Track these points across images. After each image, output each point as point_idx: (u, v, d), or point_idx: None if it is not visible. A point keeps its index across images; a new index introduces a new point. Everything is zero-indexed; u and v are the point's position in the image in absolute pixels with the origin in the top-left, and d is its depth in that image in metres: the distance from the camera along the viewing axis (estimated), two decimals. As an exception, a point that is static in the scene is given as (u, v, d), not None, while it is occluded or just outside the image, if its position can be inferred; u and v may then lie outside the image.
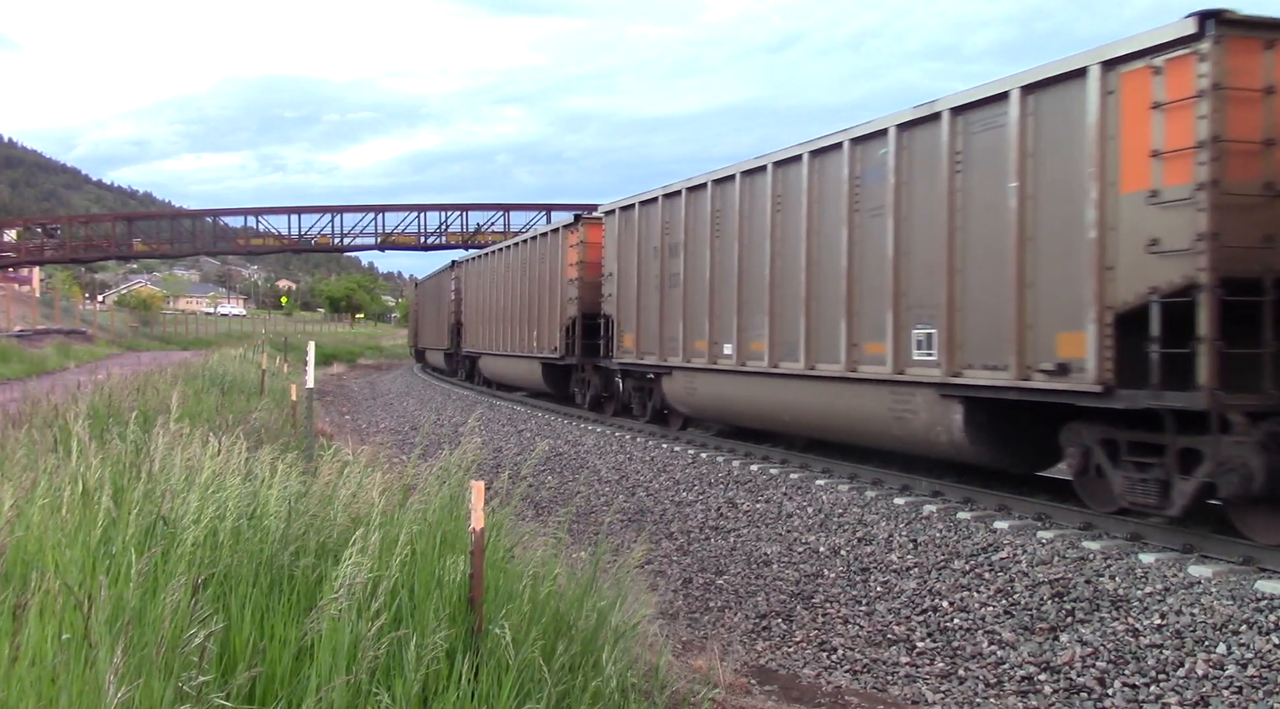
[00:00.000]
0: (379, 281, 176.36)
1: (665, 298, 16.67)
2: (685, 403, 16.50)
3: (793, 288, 13.07)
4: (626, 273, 18.30)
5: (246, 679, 3.67)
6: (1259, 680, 6.06)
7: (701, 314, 15.41)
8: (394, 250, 65.58)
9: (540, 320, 23.37)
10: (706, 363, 15.18)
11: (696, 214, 15.74)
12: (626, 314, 18.27)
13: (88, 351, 36.10)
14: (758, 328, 13.91)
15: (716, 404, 15.64)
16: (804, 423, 13.60)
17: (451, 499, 5.87)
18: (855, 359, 11.80)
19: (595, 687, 4.38)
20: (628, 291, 18.17)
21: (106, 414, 9.95)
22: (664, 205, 16.86)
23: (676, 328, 16.20)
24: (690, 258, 15.81)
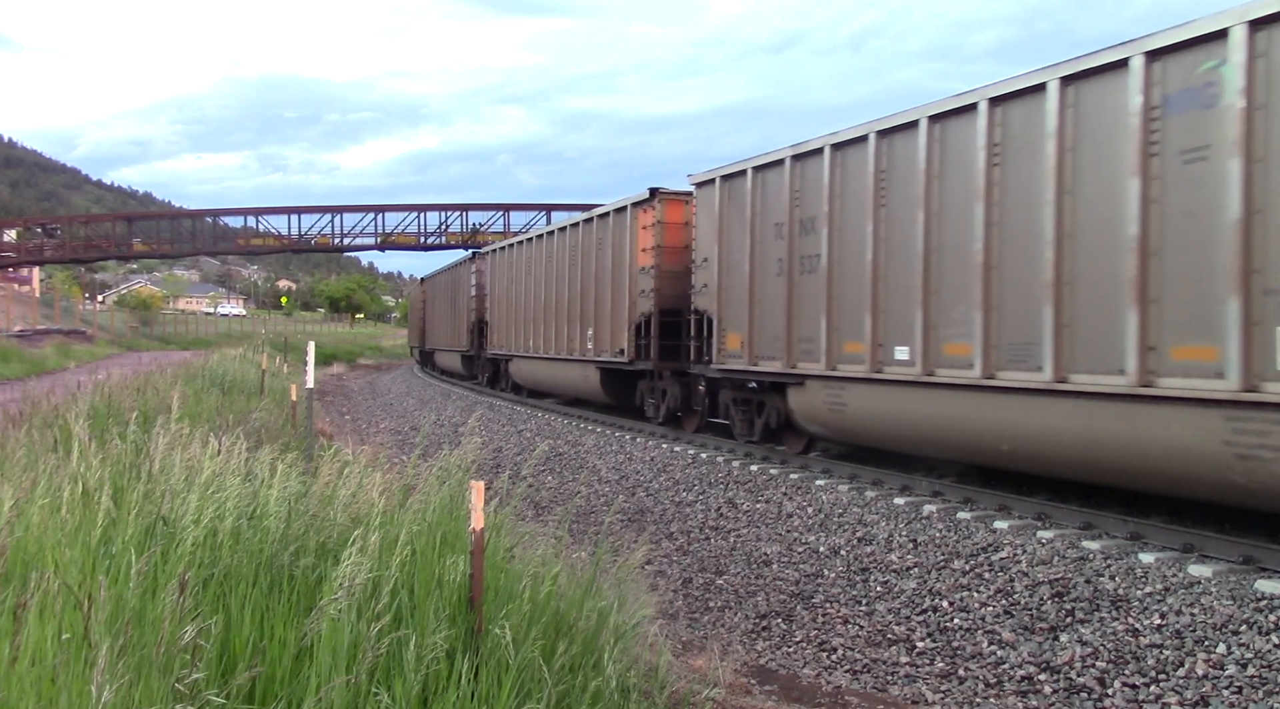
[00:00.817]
0: (379, 281, 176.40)
1: (794, 288, 13.25)
2: (824, 422, 13.03)
3: (1025, 269, 9.67)
4: (732, 257, 14.81)
5: (246, 679, 3.67)
6: (1259, 680, 6.06)
7: (857, 307, 12.02)
8: (394, 250, 65.53)
9: (598, 318, 19.90)
10: (866, 371, 11.76)
11: (847, 178, 12.28)
12: (733, 309, 14.81)
13: (88, 351, 36.11)
14: (959, 325, 10.50)
15: (878, 425, 12.08)
16: (1042, 457, 9.81)
17: (451, 499, 5.87)
18: (1153, 368, 8.45)
19: (595, 687, 4.38)
20: (735, 281, 14.73)
21: (106, 414, 9.95)
22: (793, 170, 13.29)
23: (813, 325, 12.84)
24: (838, 235, 12.41)
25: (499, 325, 28.43)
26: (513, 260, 26.99)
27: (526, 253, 25.65)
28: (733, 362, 14.85)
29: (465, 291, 33.43)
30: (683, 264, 16.83)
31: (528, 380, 26.08)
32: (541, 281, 23.97)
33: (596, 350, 19.96)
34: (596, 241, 20.24)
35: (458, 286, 35.24)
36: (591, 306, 20.31)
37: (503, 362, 28.50)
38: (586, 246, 20.82)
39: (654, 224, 17.57)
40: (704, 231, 15.76)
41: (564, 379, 22.76)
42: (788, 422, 13.99)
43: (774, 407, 14.30)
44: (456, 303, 35.32)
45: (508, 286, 27.35)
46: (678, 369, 17.18)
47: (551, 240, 23.52)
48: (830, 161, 12.58)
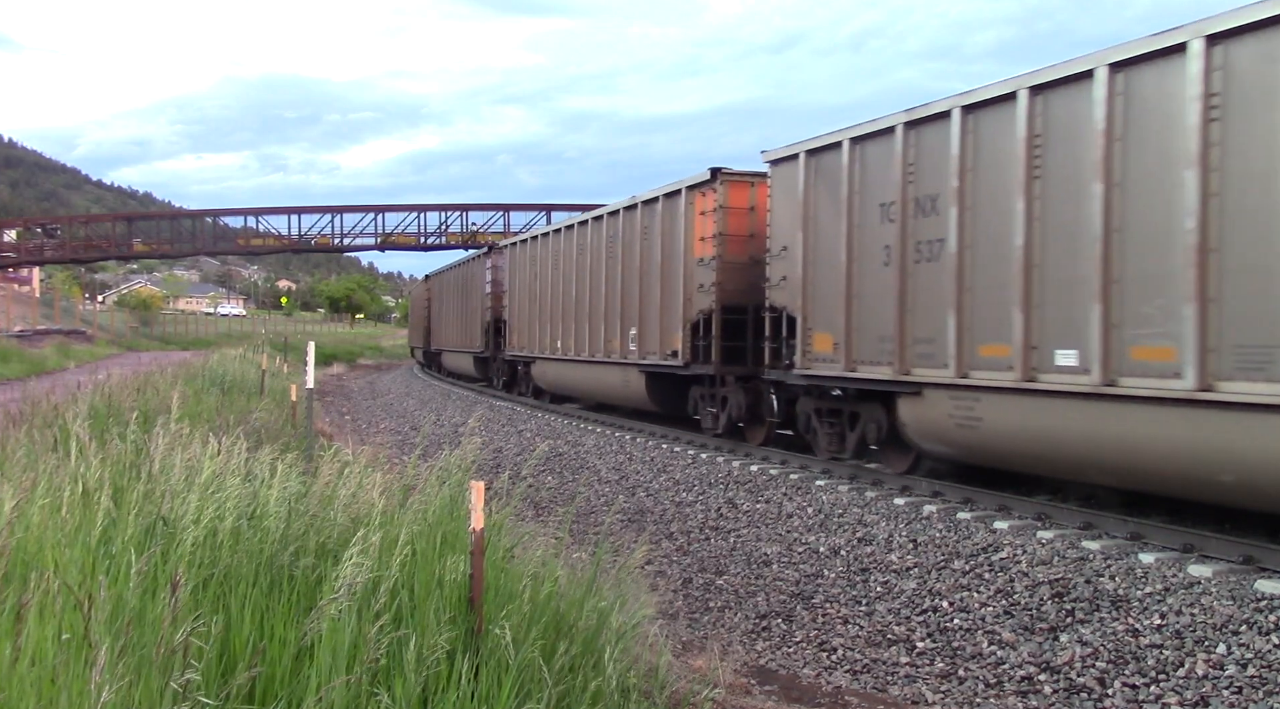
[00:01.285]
0: (379, 282, 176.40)
1: (908, 279, 11.13)
2: (948, 439, 10.83)
3: (1261, 251, 7.69)
4: (821, 245, 12.69)
5: (246, 679, 3.67)
6: (1259, 680, 6.06)
7: (999, 302, 9.89)
8: (394, 250, 65.58)
9: (644, 317, 17.62)
10: (1014, 379, 9.62)
11: (983, 146, 10.24)
12: (822, 305, 12.68)
13: (88, 352, 36.11)
14: (1155, 322, 8.50)
15: (1029, 446, 9.89)
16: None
17: (451, 499, 5.87)
18: None
19: (595, 687, 4.38)
20: (825, 272, 12.59)
21: (106, 414, 9.95)
22: (907, 139, 11.16)
23: (935, 324, 10.66)
24: (971, 215, 10.32)
25: (519, 325, 25.95)
26: (537, 254, 24.53)
27: (554, 246, 23.10)
28: (822, 366, 12.62)
29: (479, 289, 31.09)
30: (747, 254, 14.91)
31: (554, 385, 23.76)
32: (572, 277, 21.56)
33: (641, 352, 17.65)
34: (641, 231, 17.89)
35: (470, 284, 32.91)
36: (635, 304, 18.01)
37: (523, 364, 26.20)
38: (629, 237, 18.49)
39: (715, 209, 15.24)
40: (782, 216, 13.55)
41: (599, 384, 20.47)
42: (891, 437, 11.85)
43: (873, 419, 12.11)
44: (469, 301, 33.03)
45: (530, 283, 24.86)
46: (744, 374, 15.00)
47: (585, 231, 21.05)
48: (960, 127, 10.39)
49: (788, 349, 13.50)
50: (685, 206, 16.15)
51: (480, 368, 31.90)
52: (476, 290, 31.57)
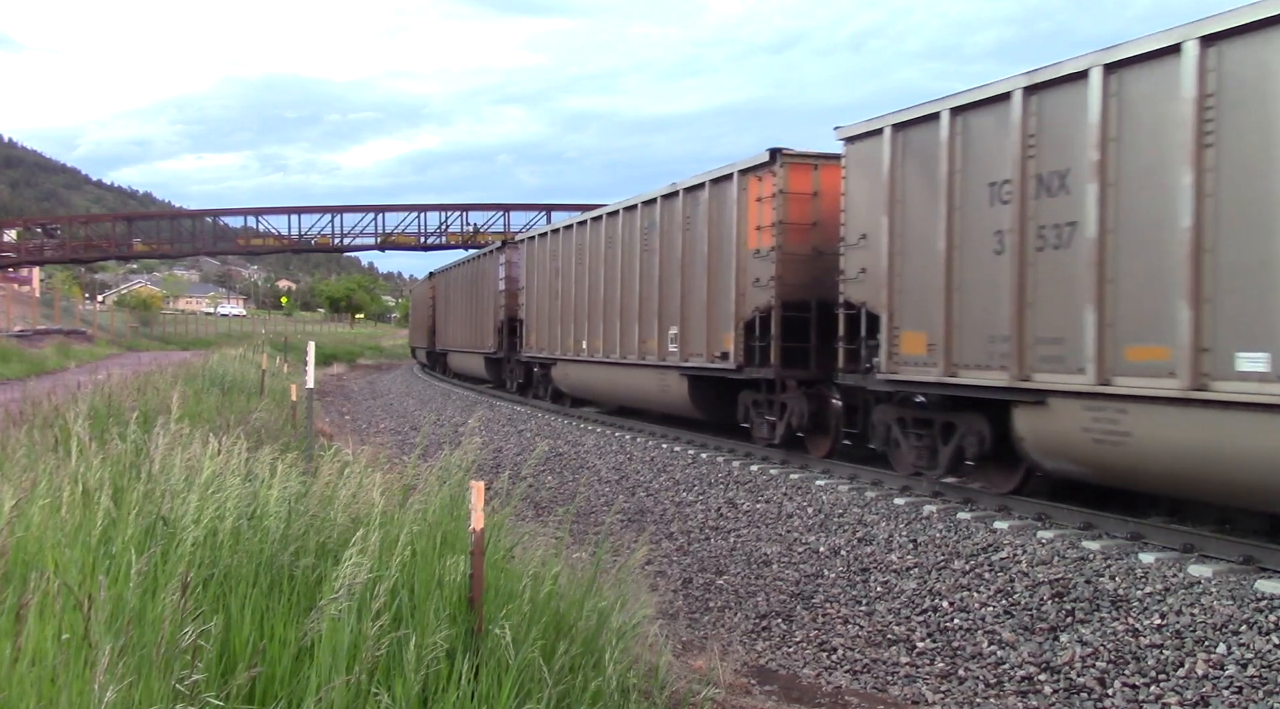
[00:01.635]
0: (379, 281, 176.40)
1: (1028, 269, 9.56)
2: (1081, 458, 9.25)
3: None
4: (912, 231, 11.00)
5: (246, 679, 3.67)
6: (1259, 680, 6.06)
7: (1155, 294, 8.40)
8: (394, 250, 65.57)
9: (687, 315, 16.01)
10: (1178, 387, 8.06)
11: (1128, 112, 8.66)
12: (913, 300, 10.96)
13: (88, 352, 36.11)
14: None
15: (1203, 470, 8.15)
16: None
17: (451, 499, 5.87)
18: None
19: (595, 687, 4.38)
20: (917, 262, 10.90)
21: (107, 414, 9.96)
22: (1026, 107, 9.61)
23: (1066, 321, 9.15)
24: (1114, 192, 8.74)
25: (538, 324, 24.10)
26: (558, 249, 22.64)
27: (578, 239, 21.33)
28: (912, 370, 10.89)
29: (491, 286, 29.13)
30: (810, 245, 13.48)
31: (577, 389, 22.04)
32: (600, 272, 19.89)
33: (684, 354, 16.02)
34: (683, 221, 16.22)
35: (481, 281, 30.95)
36: (676, 301, 16.38)
37: (541, 366, 24.47)
38: (668, 227, 16.84)
39: (774, 195, 13.61)
40: (861, 200, 11.96)
41: (632, 389, 18.76)
42: (997, 451, 10.33)
43: (973, 431, 10.49)
44: (479, 299, 31.09)
45: (551, 279, 23.01)
46: (808, 378, 13.51)
47: (615, 223, 19.34)
48: (1101, 90, 8.80)
49: (867, 350, 11.80)
50: (738, 192, 14.54)
51: (492, 370, 30.20)
52: (488, 288, 29.67)
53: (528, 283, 25.31)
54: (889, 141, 11.38)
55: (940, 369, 10.48)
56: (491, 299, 29.00)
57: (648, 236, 17.67)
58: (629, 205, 18.66)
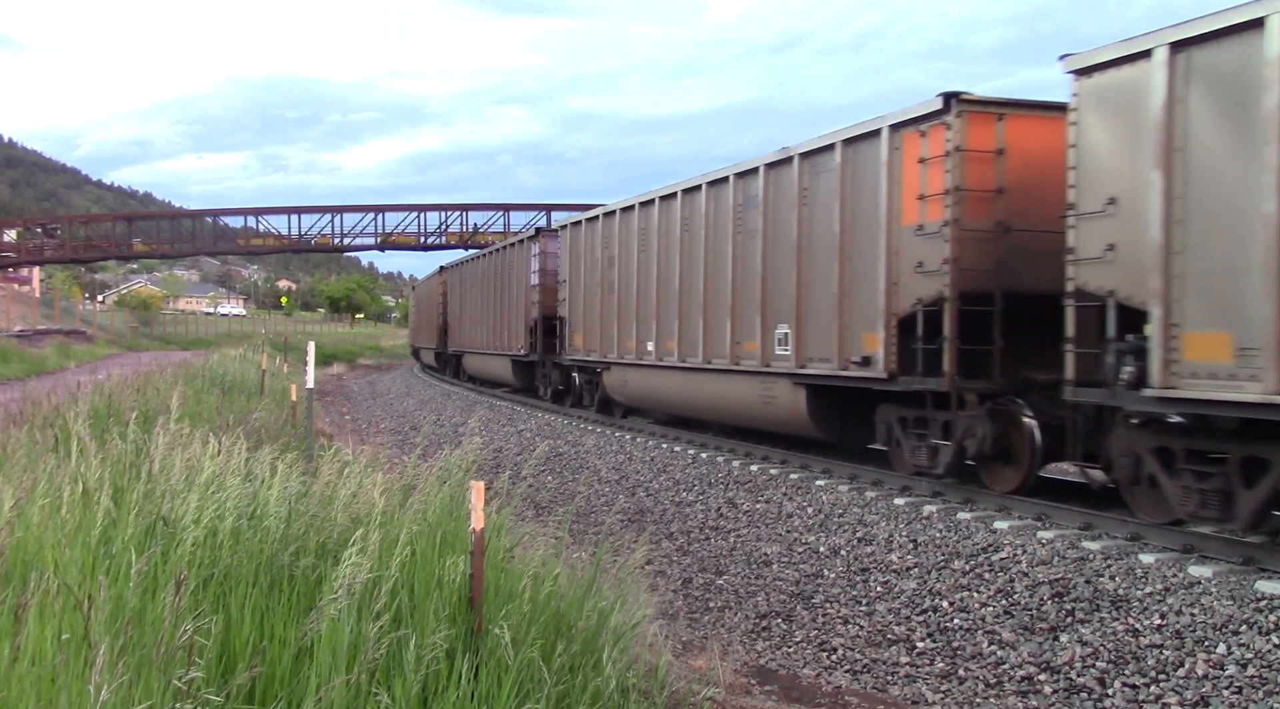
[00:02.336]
0: (379, 281, 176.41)
1: None
2: None
3: None
4: (1206, 190, 8.03)
5: (246, 679, 3.67)
6: (1259, 680, 6.06)
7: None
8: (394, 250, 65.62)
9: (805, 310, 12.96)
10: None
11: None
12: (1204, 285, 8.06)
13: (88, 352, 36.11)
14: None
15: None
16: None
17: (452, 499, 5.87)
18: None
19: (595, 687, 4.38)
20: (1216, 233, 7.96)
21: (107, 414, 9.96)
22: None
23: None
24: None
25: (585, 323, 20.83)
26: (612, 234, 19.42)
27: (641, 222, 18.11)
28: (1208, 386, 7.92)
29: (521, 280, 25.83)
30: (992, 219, 10.53)
31: (638, 398, 18.95)
32: (672, 260, 16.73)
33: (799, 358, 13.06)
34: (799, 194, 13.09)
35: (507, 274, 27.60)
36: (787, 293, 13.31)
37: (587, 371, 21.57)
38: (775, 203, 13.74)
39: (947, 154, 10.57)
40: (1106, 151, 9.11)
41: (717, 399, 15.62)
42: None
43: None
44: (506, 295, 27.66)
45: (604, 270, 19.79)
46: (990, 390, 10.52)
47: (694, 201, 16.09)
48: None
49: (1117, 357, 8.84)
50: (889, 153, 11.39)
51: (522, 374, 26.66)
52: (517, 282, 26.20)
53: (570, 275, 21.81)
54: (1163, 67, 8.34)
55: (1273, 383, 7.40)
56: (522, 295, 25.70)
57: (744, 215, 14.54)
58: (716, 179, 15.36)
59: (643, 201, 18.09)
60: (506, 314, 27.51)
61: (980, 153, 10.67)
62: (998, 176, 10.68)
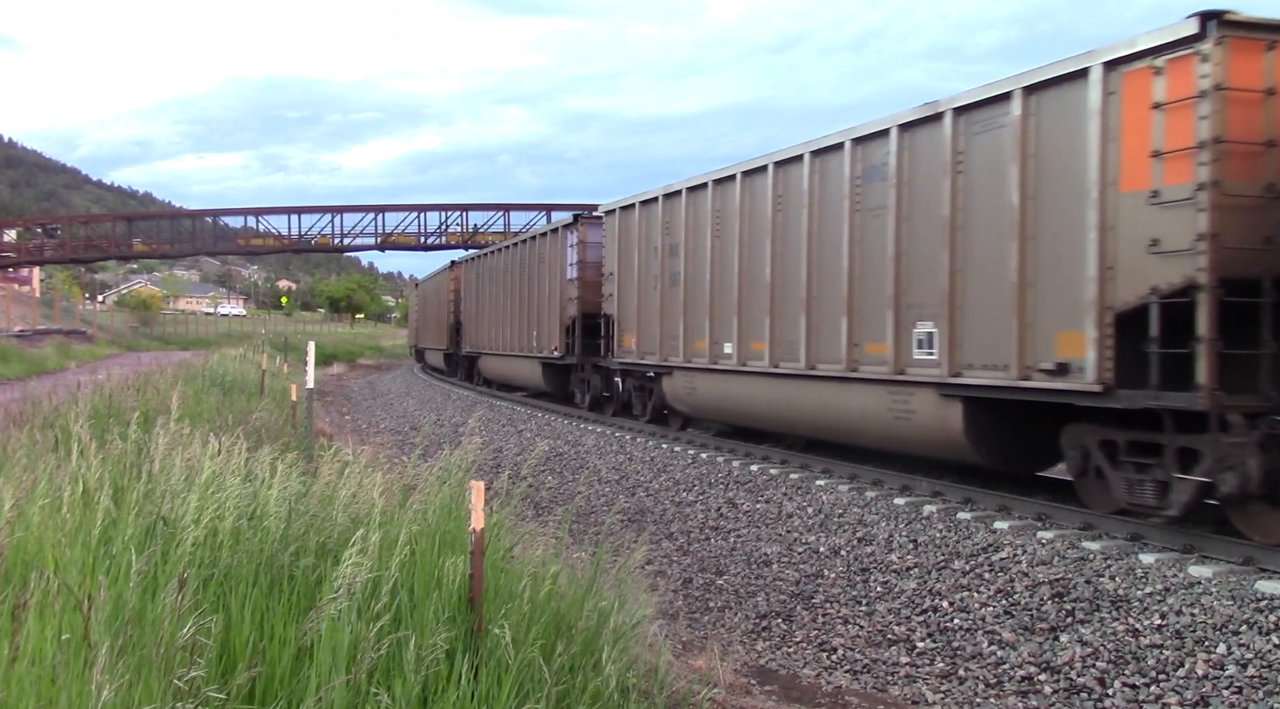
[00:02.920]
0: (379, 282, 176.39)
1: None
2: None
3: None
4: None
5: (246, 679, 3.67)
6: (1259, 680, 6.06)
7: None
8: (394, 250, 65.62)
9: (958, 304, 10.46)
10: None
11: None
12: None
13: (88, 352, 36.11)
14: None
15: None
16: None
17: (451, 499, 5.87)
18: None
19: (595, 687, 4.38)
20: None
21: (107, 414, 9.96)
22: None
23: None
24: None
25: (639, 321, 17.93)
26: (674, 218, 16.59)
27: (715, 202, 15.27)
28: None
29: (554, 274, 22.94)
30: (1262, 179, 8.05)
31: (709, 407, 16.05)
32: (760, 246, 14.05)
33: (953, 365, 10.47)
34: (952, 159, 10.51)
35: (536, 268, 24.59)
36: (932, 283, 10.83)
37: (639, 376, 18.70)
38: (914, 170, 11.15)
39: (1200, 96, 8.02)
40: None
41: (822, 412, 12.98)
42: None
43: None
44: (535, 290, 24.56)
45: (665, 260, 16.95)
46: (1256, 408, 8.07)
47: (786, 175, 13.52)
48: None
49: None
50: (1101, 98, 8.83)
51: (554, 379, 23.77)
52: (550, 277, 23.32)
53: (620, 267, 18.92)
54: None
55: None
56: (557, 291, 22.73)
57: (863, 189, 11.96)
58: (821, 147, 12.75)
59: (718, 178, 15.26)
60: (536, 312, 24.50)
61: (1246, 94, 8.10)
62: (1267, 124, 8.16)
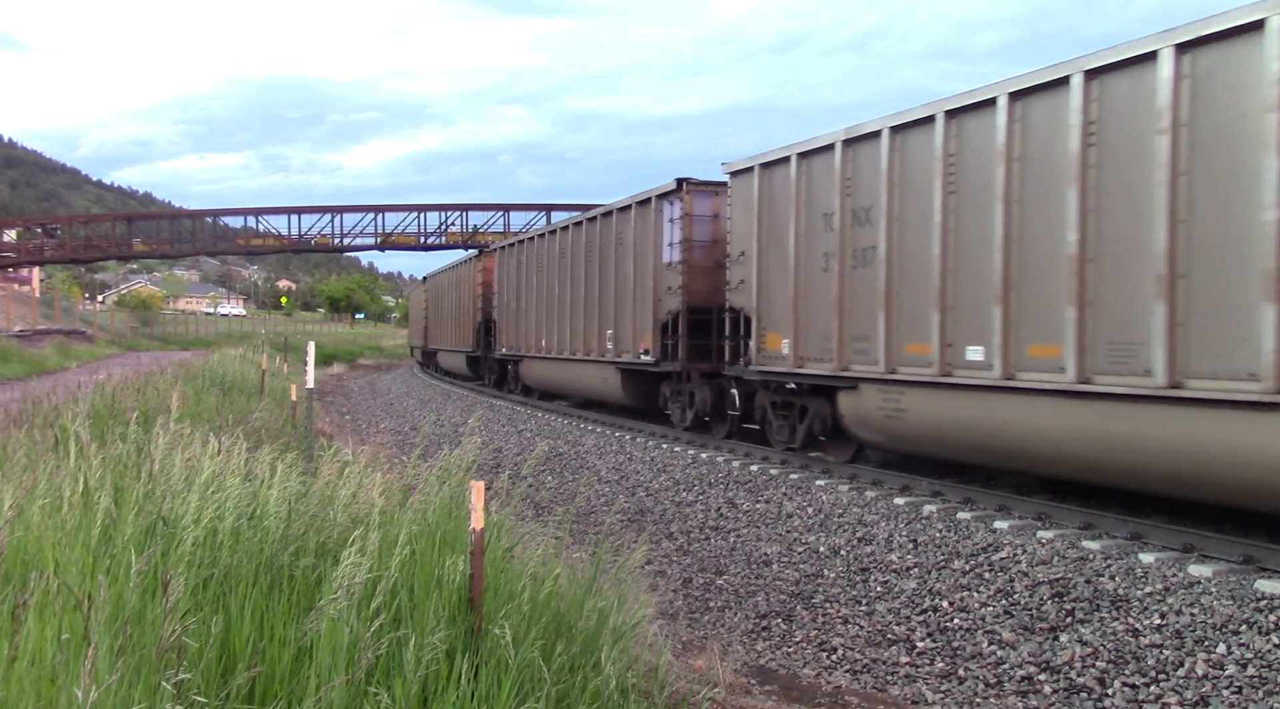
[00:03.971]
0: (379, 281, 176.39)
1: None
2: None
3: None
4: None
5: (246, 679, 3.67)
6: (1259, 680, 6.06)
7: None
8: (394, 250, 65.56)
9: None
10: None
11: None
12: None
13: (88, 352, 36.10)
14: None
15: None
16: None
17: (451, 499, 5.87)
18: None
19: (595, 687, 4.38)
20: None
21: (107, 414, 9.95)
22: None
23: None
24: None
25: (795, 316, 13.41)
26: (855, 175, 12.19)
27: (948, 144, 10.71)
28: None
29: (644, 257, 18.39)
30: None
31: (926, 440, 11.52)
32: (991, 210, 10.09)
33: None
34: None
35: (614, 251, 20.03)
36: None
37: (791, 390, 14.02)
38: None
39: None
40: None
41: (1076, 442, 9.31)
42: None
43: None
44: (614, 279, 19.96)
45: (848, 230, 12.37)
46: None
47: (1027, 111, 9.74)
48: None
49: None
50: None
51: (638, 390, 19.23)
52: (637, 260, 18.73)
53: (760, 244, 14.29)
54: None
55: None
56: (648, 278, 18.23)
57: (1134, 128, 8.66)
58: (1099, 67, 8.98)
59: (916, 120, 11.17)
60: (614, 306, 19.94)
61: None
62: None
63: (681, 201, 16.99)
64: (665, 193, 17.67)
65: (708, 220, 16.83)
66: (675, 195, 17.23)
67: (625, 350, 19.27)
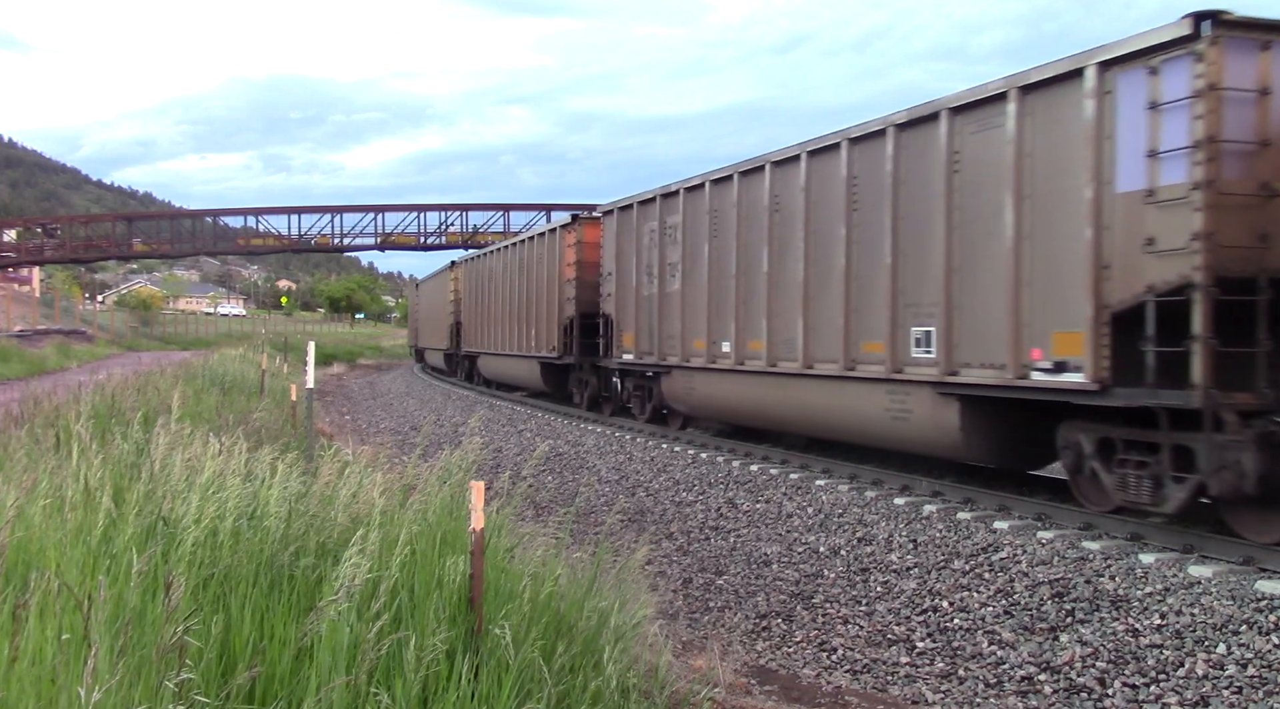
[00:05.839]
0: (379, 281, 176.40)
1: None
2: None
3: None
4: None
5: (246, 679, 3.67)
6: (1259, 680, 6.06)
7: None
8: (394, 250, 65.60)
9: None
10: None
11: None
12: None
13: (88, 352, 36.09)
14: None
15: None
16: None
17: (452, 499, 5.87)
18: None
19: (595, 687, 4.38)
20: None
21: (108, 414, 9.96)
22: None
23: None
24: None
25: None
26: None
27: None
28: None
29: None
30: None
31: None
32: None
33: None
34: None
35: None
36: None
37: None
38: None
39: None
40: None
41: None
42: None
43: None
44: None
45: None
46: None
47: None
48: None
49: None
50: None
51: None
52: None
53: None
54: None
55: None
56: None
57: None
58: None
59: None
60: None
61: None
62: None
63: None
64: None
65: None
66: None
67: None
